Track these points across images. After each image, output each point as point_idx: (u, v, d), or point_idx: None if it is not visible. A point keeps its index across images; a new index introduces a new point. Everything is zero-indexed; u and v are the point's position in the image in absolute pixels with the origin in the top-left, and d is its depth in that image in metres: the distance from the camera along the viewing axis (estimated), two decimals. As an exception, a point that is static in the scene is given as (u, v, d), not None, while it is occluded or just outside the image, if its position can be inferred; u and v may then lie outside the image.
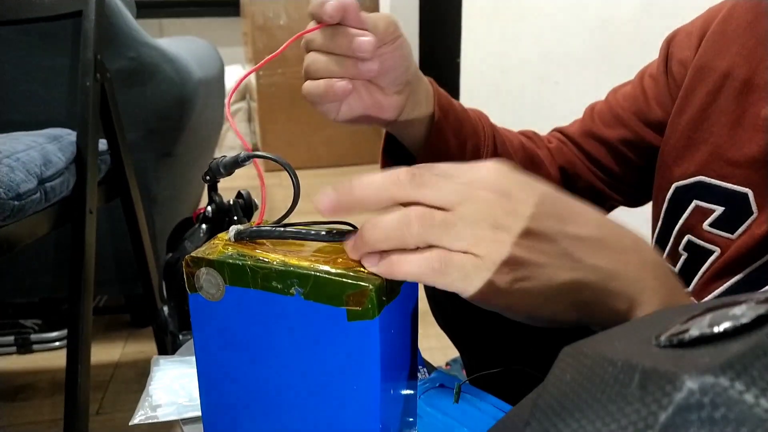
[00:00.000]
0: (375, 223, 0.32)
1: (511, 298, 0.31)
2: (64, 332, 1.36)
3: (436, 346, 1.32)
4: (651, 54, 0.64)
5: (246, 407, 0.37)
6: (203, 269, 0.36)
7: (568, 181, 0.66)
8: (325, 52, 0.46)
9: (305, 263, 0.34)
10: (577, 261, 0.31)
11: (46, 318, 1.39)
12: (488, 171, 0.32)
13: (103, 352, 1.34)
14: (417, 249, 0.32)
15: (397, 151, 0.60)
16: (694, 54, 0.55)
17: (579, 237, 0.31)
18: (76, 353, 0.88)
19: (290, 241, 0.37)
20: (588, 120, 0.66)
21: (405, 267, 0.31)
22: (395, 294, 0.35)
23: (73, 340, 0.88)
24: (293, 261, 0.34)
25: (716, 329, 0.18)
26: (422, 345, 0.79)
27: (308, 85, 0.48)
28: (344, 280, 0.32)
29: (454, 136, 0.56)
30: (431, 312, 0.79)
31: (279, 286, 0.34)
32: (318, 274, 0.33)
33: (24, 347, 1.34)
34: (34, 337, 1.35)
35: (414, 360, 0.40)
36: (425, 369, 0.66)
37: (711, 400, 0.15)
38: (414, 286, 0.38)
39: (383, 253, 0.32)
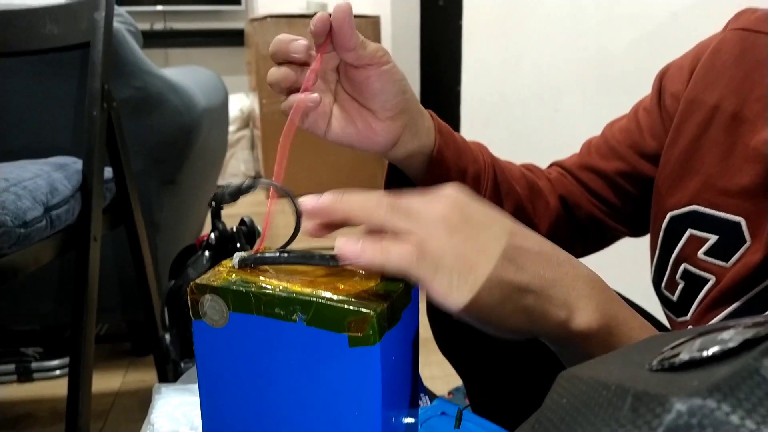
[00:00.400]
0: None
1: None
2: (65, 360, 1.35)
3: (438, 375, 1.32)
4: (644, 82, 0.65)
5: (248, 431, 0.38)
6: (207, 296, 0.36)
7: (569, 210, 0.67)
8: (281, 62, 0.48)
9: (308, 290, 0.34)
10: (521, 266, 0.35)
11: (48, 346, 1.39)
12: (444, 203, 0.35)
13: (104, 381, 1.34)
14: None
15: (401, 182, 0.61)
16: (685, 87, 0.57)
17: (522, 247, 0.36)
18: (78, 382, 0.88)
19: (293, 268, 0.38)
20: (585, 154, 0.67)
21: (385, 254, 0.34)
22: (396, 320, 0.35)
23: (74, 368, 0.88)
24: (296, 287, 0.35)
25: (705, 353, 0.19)
26: (424, 373, 0.79)
27: (272, 71, 0.49)
28: (346, 306, 0.33)
29: (454, 166, 0.57)
30: (433, 337, 0.80)
31: (282, 313, 0.34)
32: (320, 300, 0.33)
33: (25, 376, 1.34)
34: (35, 365, 1.34)
35: (415, 386, 0.40)
36: (427, 397, 0.66)
37: (699, 422, 0.16)
38: (415, 312, 0.39)
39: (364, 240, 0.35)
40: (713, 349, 0.19)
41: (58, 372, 1.35)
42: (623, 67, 1.20)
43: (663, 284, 0.58)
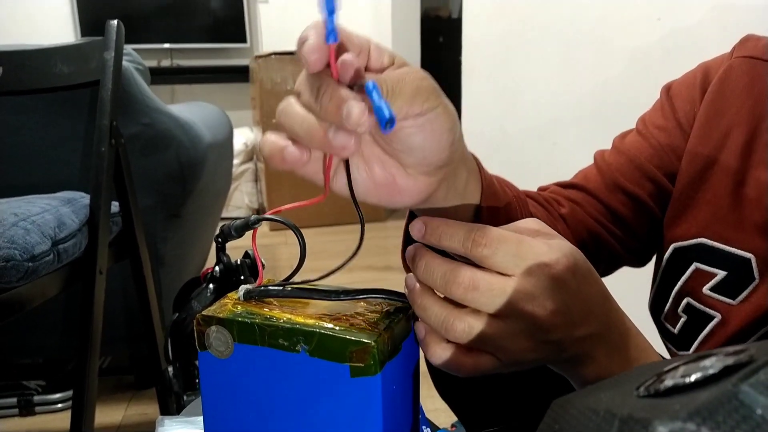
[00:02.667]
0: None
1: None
2: (67, 393, 1.35)
3: (442, 407, 1.30)
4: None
5: (252, 464, 0.38)
6: (213, 327, 0.37)
7: (585, 248, 0.60)
8: (306, 104, 0.34)
9: (310, 321, 0.36)
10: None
11: (50, 379, 1.39)
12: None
13: (106, 414, 1.33)
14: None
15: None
16: (698, 106, 0.55)
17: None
18: (81, 415, 0.88)
19: (297, 300, 0.39)
20: (607, 172, 0.60)
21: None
22: (397, 351, 0.36)
23: (78, 402, 0.89)
24: (299, 319, 0.36)
25: (687, 380, 0.20)
26: (428, 406, 0.79)
27: (264, 140, 0.36)
28: (347, 337, 0.34)
29: (504, 220, 0.44)
30: (430, 378, 0.80)
31: (285, 344, 0.35)
32: (322, 331, 0.34)
33: (26, 409, 1.33)
34: (37, 398, 1.34)
35: (416, 416, 0.41)
36: (429, 429, 0.66)
37: (680, 444, 0.17)
38: (415, 343, 0.40)
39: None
40: (695, 376, 0.20)
41: (60, 405, 1.34)
42: (618, 101, 1.22)
43: (663, 315, 0.58)
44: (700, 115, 0.54)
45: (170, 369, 0.89)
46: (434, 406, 1.31)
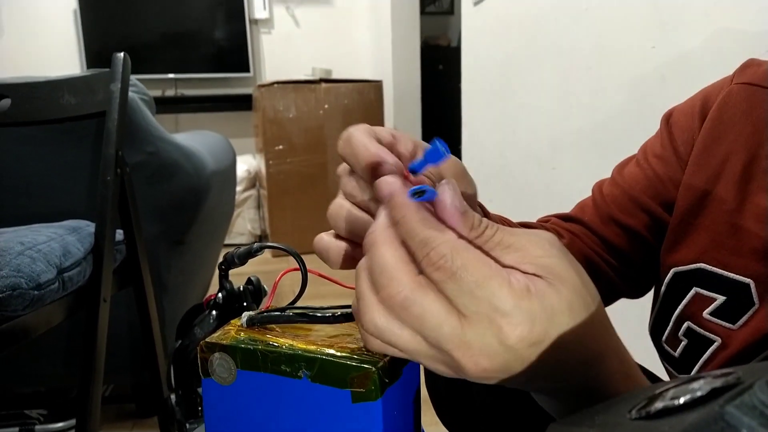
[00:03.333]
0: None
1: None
2: (69, 423, 1.34)
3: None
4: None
5: (254, 491, 0.38)
6: (216, 354, 0.38)
7: None
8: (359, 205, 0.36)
9: (312, 347, 0.36)
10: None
11: (52, 408, 1.38)
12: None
13: (108, 444, 1.32)
14: None
15: None
16: (697, 133, 0.55)
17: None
18: (83, 444, 0.88)
19: (299, 326, 0.40)
20: (602, 204, 0.61)
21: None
22: (398, 376, 0.37)
23: (81, 430, 0.88)
24: (301, 345, 0.37)
25: (677, 402, 0.21)
26: (430, 431, 0.78)
27: (320, 239, 0.38)
28: (348, 362, 0.34)
29: None
30: (431, 403, 0.80)
31: (288, 370, 0.36)
32: (324, 357, 0.35)
33: (28, 439, 1.32)
34: (39, 428, 1.33)
35: (417, 442, 0.41)
36: (431, 455, 0.66)
37: (668, 464, 0.18)
38: (416, 368, 0.40)
39: None
40: (684, 398, 0.21)
41: (61, 435, 1.33)
42: (614, 128, 1.24)
43: (664, 338, 0.58)
44: (698, 142, 0.55)
45: (173, 396, 0.89)
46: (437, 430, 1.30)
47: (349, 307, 0.40)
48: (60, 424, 1.34)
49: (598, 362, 0.30)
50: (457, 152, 2.20)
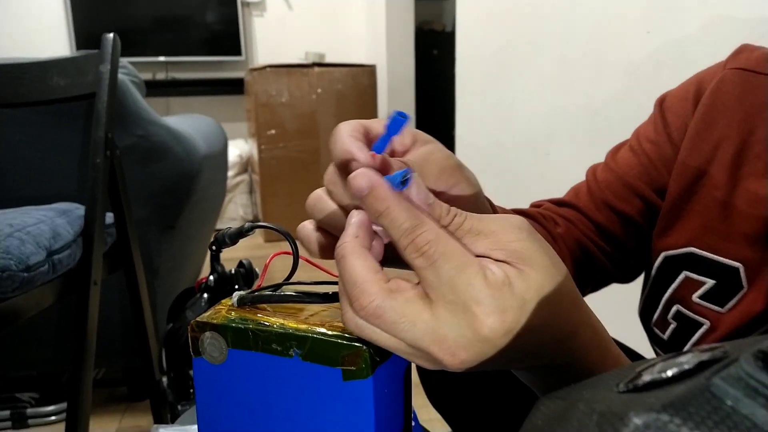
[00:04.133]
0: None
1: None
2: (61, 406, 1.34)
3: (437, 417, 1.31)
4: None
5: (245, 468, 0.39)
6: (207, 333, 0.38)
7: (580, 268, 0.61)
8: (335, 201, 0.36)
9: (303, 326, 0.36)
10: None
11: (43, 391, 1.38)
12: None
13: (100, 426, 1.32)
14: None
15: None
16: (690, 118, 0.55)
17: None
18: (75, 427, 0.88)
19: (290, 305, 0.40)
20: (596, 189, 0.61)
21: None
22: (388, 355, 0.37)
23: (72, 414, 0.89)
24: (292, 324, 0.36)
25: (664, 375, 0.21)
26: (422, 416, 0.79)
27: (301, 229, 0.38)
28: (339, 341, 0.35)
29: None
30: (422, 388, 0.80)
31: (279, 348, 0.36)
32: (315, 336, 0.35)
33: (20, 422, 1.32)
34: (30, 411, 1.33)
35: (408, 420, 0.41)
36: (422, 436, 0.66)
37: (653, 434, 0.18)
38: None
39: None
40: (671, 371, 0.21)
41: (54, 418, 1.33)
42: (609, 114, 1.24)
43: (653, 321, 0.59)
44: (691, 127, 0.55)
45: (164, 379, 0.89)
46: (429, 417, 1.31)
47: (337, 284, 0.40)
48: (51, 407, 1.34)
49: (572, 337, 0.31)
50: (451, 138, 2.19)
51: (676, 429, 0.18)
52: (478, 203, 0.39)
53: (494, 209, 0.47)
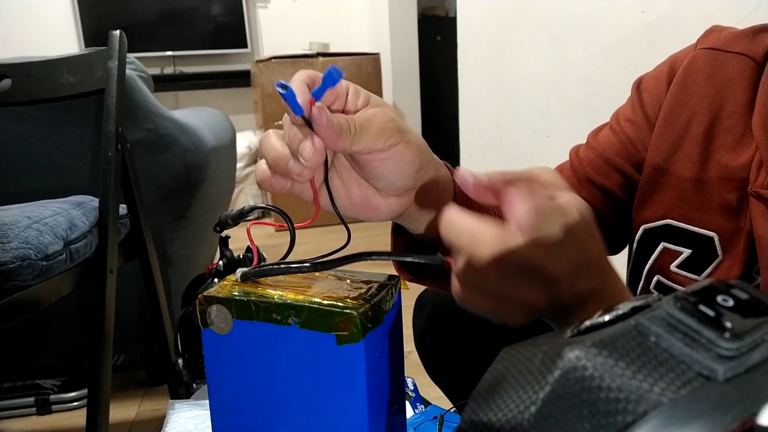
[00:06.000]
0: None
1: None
2: (82, 392, 1.40)
3: (441, 396, 1.34)
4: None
5: (252, 427, 0.42)
6: (214, 306, 0.41)
7: None
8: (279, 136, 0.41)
9: (301, 297, 0.40)
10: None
11: (65, 378, 1.43)
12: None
13: (120, 411, 1.38)
14: None
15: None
16: (663, 98, 0.58)
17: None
18: (96, 412, 0.93)
19: (288, 280, 0.43)
20: (578, 167, 0.65)
21: None
22: (379, 321, 0.40)
23: (93, 399, 0.93)
24: (290, 296, 0.40)
25: (601, 320, 0.24)
26: (430, 394, 0.83)
27: (257, 166, 0.42)
28: (333, 309, 0.38)
29: None
30: (422, 364, 0.83)
31: (278, 318, 0.40)
32: (311, 305, 0.38)
33: (43, 408, 1.38)
34: (53, 398, 1.39)
35: (400, 383, 0.45)
36: (422, 405, 0.70)
37: (583, 364, 0.21)
38: (399, 317, 0.43)
39: None
40: (608, 316, 0.24)
41: (76, 404, 1.39)
42: (607, 93, 1.26)
43: (637, 293, 0.62)
44: (665, 105, 0.57)
45: (180, 361, 0.93)
46: (437, 394, 1.35)
47: (327, 257, 0.43)
48: (73, 393, 1.39)
49: (606, 258, 0.38)
50: (454, 122, 2.21)
51: (604, 360, 0.21)
52: (425, 172, 0.44)
53: (451, 172, 0.50)
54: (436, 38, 3.88)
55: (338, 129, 0.37)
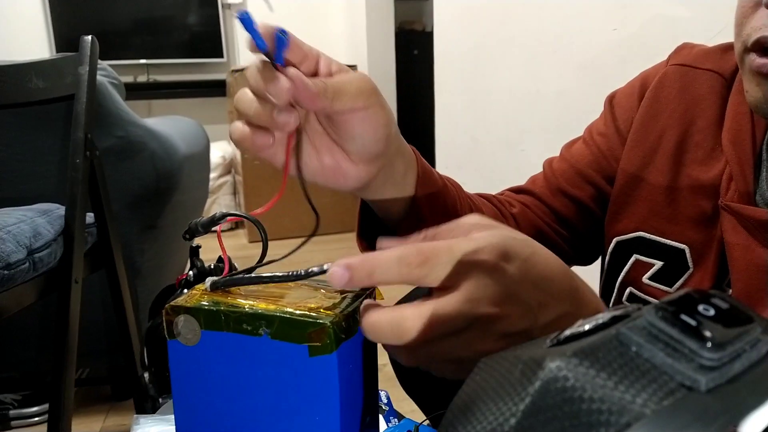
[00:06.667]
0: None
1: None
2: (44, 407, 1.35)
3: (417, 409, 1.33)
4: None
5: (219, 443, 0.41)
6: (181, 316, 0.40)
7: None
8: (252, 90, 0.41)
9: (272, 307, 0.38)
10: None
11: (26, 393, 1.38)
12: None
13: (84, 425, 1.33)
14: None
15: (374, 225, 0.55)
16: (635, 113, 0.59)
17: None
18: (57, 426, 0.89)
19: (260, 289, 0.42)
20: (551, 177, 0.65)
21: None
22: (353, 333, 0.39)
23: (54, 412, 0.90)
24: (261, 305, 0.39)
25: (581, 329, 0.23)
26: (404, 408, 0.81)
27: (232, 126, 0.43)
28: (305, 319, 0.37)
29: (432, 222, 0.47)
30: (395, 375, 0.82)
31: (249, 328, 0.38)
32: (283, 315, 0.37)
33: (3, 424, 1.33)
34: (13, 413, 1.33)
35: (374, 396, 0.44)
36: (396, 419, 0.69)
37: (564, 375, 0.20)
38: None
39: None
40: (588, 325, 0.23)
41: (37, 419, 1.34)
42: (580, 108, 1.27)
43: (610, 304, 0.62)
44: (636, 120, 0.59)
45: (146, 375, 0.91)
46: (411, 408, 1.34)
47: (300, 269, 0.42)
48: (35, 409, 1.34)
49: (575, 277, 0.37)
50: (430, 135, 2.22)
51: (585, 371, 0.20)
52: (394, 139, 0.45)
53: (417, 156, 0.50)
54: (413, 52, 3.91)
55: (315, 89, 0.38)
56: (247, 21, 0.37)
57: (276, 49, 0.39)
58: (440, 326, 0.32)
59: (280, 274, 0.41)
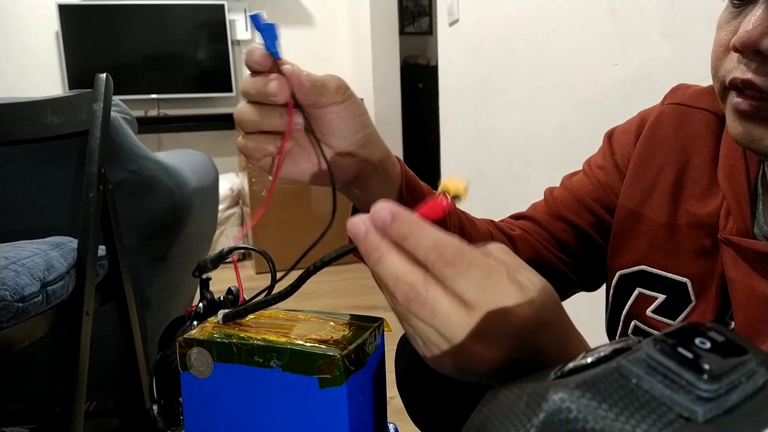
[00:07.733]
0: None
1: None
2: (51, 440, 1.34)
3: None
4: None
5: (230, 476, 0.41)
6: (194, 349, 0.41)
7: (534, 268, 0.67)
8: (252, 102, 0.45)
9: (283, 339, 0.39)
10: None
11: (34, 426, 1.38)
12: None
13: (90, 460, 1.32)
14: None
15: None
16: (632, 151, 0.61)
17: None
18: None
19: (270, 322, 0.43)
20: (552, 204, 0.67)
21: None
22: (362, 364, 0.40)
23: (62, 444, 0.90)
24: (272, 338, 0.40)
25: (584, 361, 0.24)
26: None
27: (241, 141, 0.47)
28: (315, 351, 0.38)
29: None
30: (404, 407, 0.82)
31: (260, 360, 0.39)
32: (293, 348, 0.38)
33: (9, 458, 1.32)
34: (19, 446, 1.33)
35: (383, 428, 0.44)
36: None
37: (567, 406, 0.21)
38: (382, 360, 0.43)
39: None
40: (590, 358, 0.24)
41: (43, 453, 1.33)
42: (583, 140, 1.29)
43: (617, 337, 0.63)
44: (634, 157, 0.61)
45: (155, 407, 0.90)
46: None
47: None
48: (42, 442, 1.34)
49: (566, 344, 0.35)
50: (436, 166, 2.24)
51: (587, 402, 0.21)
52: (371, 132, 0.50)
53: (401, 163, 0.55)
54: (418, 85, 3.97)
55: (307, 83, 0.44)
56: (258, 22, 0.43)
57: (270, 43, 0.44)
58: (442, 328, 0.32)
59: (277, 294, 0.41)
